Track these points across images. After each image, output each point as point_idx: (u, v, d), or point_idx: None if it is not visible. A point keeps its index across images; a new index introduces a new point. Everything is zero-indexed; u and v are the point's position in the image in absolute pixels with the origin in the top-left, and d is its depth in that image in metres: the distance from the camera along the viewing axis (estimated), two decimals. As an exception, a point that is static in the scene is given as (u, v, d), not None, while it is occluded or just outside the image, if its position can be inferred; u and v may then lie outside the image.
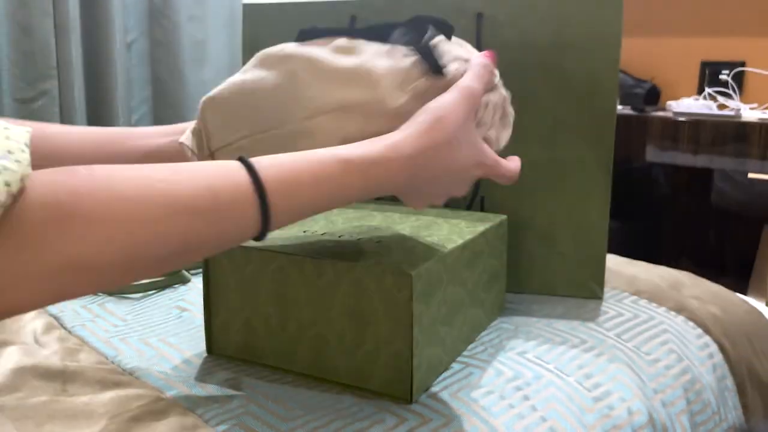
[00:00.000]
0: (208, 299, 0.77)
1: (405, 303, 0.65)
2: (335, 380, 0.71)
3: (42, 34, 1.57)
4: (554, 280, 0.95)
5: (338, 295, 0.69)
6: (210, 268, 0.76)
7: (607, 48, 0.90)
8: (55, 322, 0.87)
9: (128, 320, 0.88)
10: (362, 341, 0.69)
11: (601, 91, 0.90)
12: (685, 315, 0.93)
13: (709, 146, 1.71)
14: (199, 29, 1.87)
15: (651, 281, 1.01)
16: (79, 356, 0.77)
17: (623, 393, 0.74)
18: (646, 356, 0.82)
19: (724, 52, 2.03)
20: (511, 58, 0.94)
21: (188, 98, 1.87)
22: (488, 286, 0.84)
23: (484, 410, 0.66)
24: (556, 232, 0.94)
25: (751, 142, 1.65)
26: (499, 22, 0.93)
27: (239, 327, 0.75)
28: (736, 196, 2.00)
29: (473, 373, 0.73)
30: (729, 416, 0.86)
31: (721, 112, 1.76)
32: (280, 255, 0.71)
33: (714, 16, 2.02)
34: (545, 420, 0.67)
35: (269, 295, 0.73)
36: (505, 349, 0.79)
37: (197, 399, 0.68)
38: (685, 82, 2.11)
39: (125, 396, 0.67)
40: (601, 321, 0.88)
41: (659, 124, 1.78)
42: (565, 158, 0.92)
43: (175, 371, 0.74)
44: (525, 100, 0.92)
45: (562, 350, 0.79)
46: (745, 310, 1.01)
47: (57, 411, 0.65)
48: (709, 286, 1.05)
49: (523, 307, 0.92)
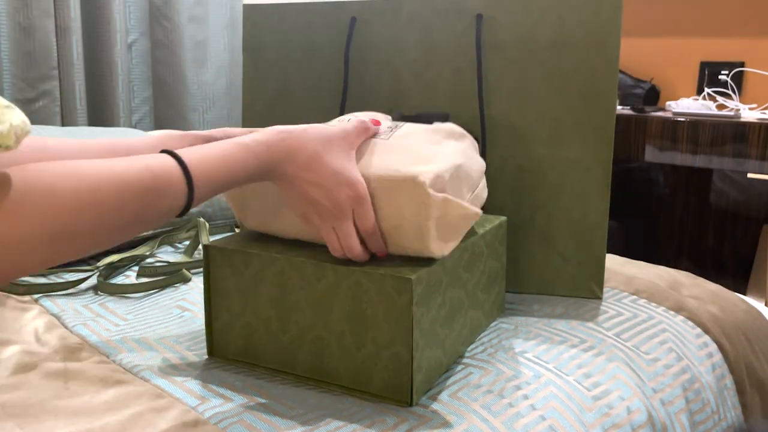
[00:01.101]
0: (209, 303, 0.77)
1: (405, 307, 0.66)
2: (335, 383, 0.71)
3: (43, 34, 1.57)
4: (554, 281, 0.96)
5: (338, 299, 0.69)
6: (211, 272, 0.76)
7: (606, 48, 0.90)
8: (56, 321, 0.87)
9: (129, 319, 0.88)
10: (362, 344, 0.69)
11: (600, 91, 0.91)
12: (684, 314, 0.93)
13: (708, 146, 1.71)
14: (200, 30, 1.87)
15: (650, 281, 1.01)
16: (81, 355, 0.77)
17: (622, 392, 0.74)
18: (646, 355, 0.82)
19: (723, 53, 2.04)
20: (511, 58, 0.94)
21: (189, 98, 1.87)
22: (488, 288, 0.84)
23: (483, 409, 0.67)
24: (556, 233, 0.94)
25: (750, 143, 1.65)
26: (499, 22, 0.93)
27: (240, 330, 0.76)
28: (735, 196, 2.00)
29: (473, 373, 0.73)
30: (728, 415, 0.86)
31: (720, 113, 1.76)
32: (280, 258, 0.71)
33: (714, 16, 2.02)
34: (545, 419, 0.67)
35: (270, 298, 0.73)
36: (505, 348, 0.79)
37: (198, 397, 0.68)
38: (684, 83, 2.11)
39: (126, 394, 0.68)
40: (600, 321, 0.88)
41: (659, 124, 1.78)
42: (565, 158, 0.93)
43: (176, 370, 0.74)
44: (525, 100, 0.93)
45: (561, 350, 0.80)
46: (743, 310, 1.01)
47: (58, 409, 0.65)
48: (708, 285, 1.05)
49: (523, 307, 0.92)
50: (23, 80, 1.59)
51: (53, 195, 0.49)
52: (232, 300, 0.76)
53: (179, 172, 0.58)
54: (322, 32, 1.02)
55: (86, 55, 1.70)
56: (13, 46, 1.57)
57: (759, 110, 1.88)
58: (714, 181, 2.05)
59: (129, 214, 0.54)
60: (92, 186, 0.51)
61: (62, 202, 0.49)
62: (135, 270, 1.07)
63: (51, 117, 1.61)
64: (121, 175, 0.53)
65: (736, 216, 2.02)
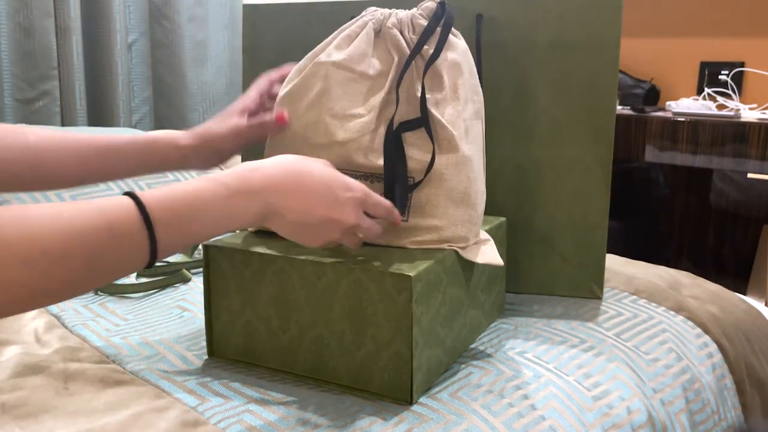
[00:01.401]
0: (209, 302, 0.77)
1: (405, 305, 0.66)
2: (336, 382, 0.71)
3: (43, 34, 1.57)
4: (554, 281, 0.96)
5: (338, 297, 0.69)
6: (210, 272, 0.76)
7: (606, 48, 0.90)
8: (56, 321, 0.87)
9: (129, 319, 0.88)
10: (362, 343, 0.69)
11: (600, 91, 0.91)
12: (684, 314, 0.93)
13: (708, 146, 1.71)
14: (200, 30, 1.87)
15: (650, 281, 1.01)
16: (81, 355, 0.77)
17: (622, 392, 0.74)
18: (646, 355, 0.82)
19: (723, 53, 2.03)
20: (511, 58, 0.94)
21: (189, 98, 1.87)
22: (488, 287, 0.84)
23: (483, 409, 0.67)
24: (556, 233, 0.94)
25: (750, 143, 1.65)
26: (499, 22, 0.93)
27: (240, 329, 0.76)
28: (735, 196, 2.00)
29: (473, 373, 0.73)
30: (728, 415, 0.86)
31: (720, 113, 1.76)
32: (280, 257, 0.71)
33: (713, 16, 2.02)
34: (545, 419, 0.67)
35: (269, 297, 0.73)
36: (505, 348, 0.79)
37: (198, 397, 0.68)
38: (684, 83, 2.11)
39: (126, 394, 0.68)
40: (600, 321, 0.88)
41: (658, 124, 1.78)
42: (565, 158, 0.93)
43: (176, 370, 0.74)
44: (525, 100, 0.93)
45: (561, 350, 0.80)
46: (743, 310, 1.01)
47: (58, 409, 0.65)
48: (708, 285, 1.05)
49: (523, 307, 0.92)
50: (23, 80, 1.59)
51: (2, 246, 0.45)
52: (232, 299, 0.75)
53: (141, 227, 0.52)
54: (322, 32, 1.02)
55: (86, 55, 1.69)
56: (13, 46, 1.57)
57: (759, 110, 1.88)
58: (714, 181, 2.05)
59: (78, 267, 0.49)
60: (38, 234, 0.47)
61: (13, 252, 0.46)
62: (135, 270, 1.07)
63: (51, 117, 1.62)
64: (70, 222, 0.49)
65: (736, 216, 2.02)
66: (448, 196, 0.73)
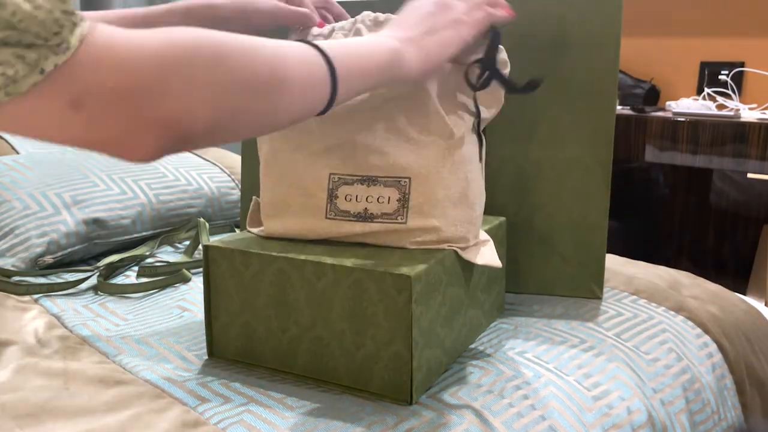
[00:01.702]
0: (209, 303, 0.77)
1: (404, 305, 0.66)
2: (335, 382, 0.71)
3: (43, 34, 1.57)
4: (554, 281, 0.96)
5: (338, 297, 0.69)
6: (210, 272, 0.76)
7: (606, 48, 0.90)
8: (56, 321, 0.87)
9: (129, 319, 0.88)
10: (362, 343, 0.69)
11: (600, 91, 0.91)
12: (684, 315, 0.93)
13: (708, 146, 1.71)
14: (200, 29, 1.88)
15: (650, 281, 1.01)
16: (81, 355, 0.77)
17: (622, 392, 0.74)
18: (646, 356, 0.82)
19: (723, 53, 2.04)
20: (511, 58, 0.94)
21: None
22: (487, 287, 0.84)
23: (483, 409, 0.67)
24: (556, 233, 0.94)
25: (750, 143, 1.65)
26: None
27: (240, 330, 0.76)
28: (735, 196, 2.00)
29: (473, 373, 0.73)
30: (728, 415, 0.86)
31: (720, 113, 1.76)
32: (280, 258, 0.71)
33: (713, 16, 2.02)
34: (545, 419, 0.67)
35: (269, 297, 0.73)
36: (505, 349, 0.79)
37: (198, 397, 0.68)
38: (684, 83, 2.11)
39: (126, 394, 0.68)
40: (600, 321, 0.88)
41: (658, 124, 1.78)
42: (565, 158, 0.93)
43: (176, 370, 0.74)
44: (525, 100, 0.93)
45: (561, 350, 0.80)
46: (743, 310, 1.01)
47: (58, 409, 0.65)
48: (708, 285, 1.05)
49: (523, 307, 0.92)
50: (23, 80, 1.59)
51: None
52: (231, 300, 0.76)
53: (326, 71, 0.57)
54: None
55: (86, 55, 1.70)
56: (13, 46, 1.57)
57: (759, 110, 1.88)
58: (714, 181, 2.05)
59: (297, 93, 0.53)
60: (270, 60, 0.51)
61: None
62: (135, 270, 1.07)
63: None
64: (293, 66, 0.53)
65: (736, 216, 2.02)
66: (447, 196, 0.73)
